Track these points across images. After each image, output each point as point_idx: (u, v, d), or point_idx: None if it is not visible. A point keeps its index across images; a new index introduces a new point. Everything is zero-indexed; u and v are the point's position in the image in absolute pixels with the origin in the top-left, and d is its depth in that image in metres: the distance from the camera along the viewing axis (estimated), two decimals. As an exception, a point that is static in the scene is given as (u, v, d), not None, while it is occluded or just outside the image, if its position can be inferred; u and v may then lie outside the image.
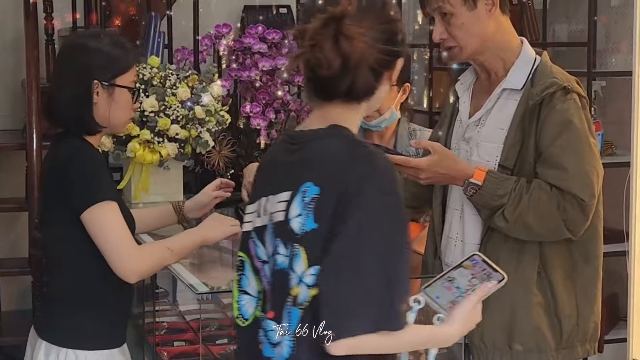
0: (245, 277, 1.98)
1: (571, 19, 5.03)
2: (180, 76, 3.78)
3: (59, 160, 2.54)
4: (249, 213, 2.00)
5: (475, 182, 2.56)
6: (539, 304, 2.61)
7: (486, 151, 2.65)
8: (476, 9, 2.59)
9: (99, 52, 2.54)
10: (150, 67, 3.75)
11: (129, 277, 2.48)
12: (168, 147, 3.67)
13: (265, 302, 1.92)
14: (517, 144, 2.59)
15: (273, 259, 1.89)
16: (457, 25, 2.61)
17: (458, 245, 2.72)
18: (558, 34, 5.13)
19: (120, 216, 2.49)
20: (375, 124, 3.28)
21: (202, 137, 3.73)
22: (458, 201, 2.71)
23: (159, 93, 3.67)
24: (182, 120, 3.68)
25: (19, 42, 4.97)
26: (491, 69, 2.68)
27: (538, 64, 2.65)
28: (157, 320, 3.44)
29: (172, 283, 3.69)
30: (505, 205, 2.53)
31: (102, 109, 2.54)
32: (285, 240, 1.87)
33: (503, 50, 2.66)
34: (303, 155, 1.91)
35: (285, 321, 1.85)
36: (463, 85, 2.79)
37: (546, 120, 2.55)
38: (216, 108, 3.78)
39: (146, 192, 3.73)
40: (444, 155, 2.61)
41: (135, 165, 3.71)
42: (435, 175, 2.62)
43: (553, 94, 2.55)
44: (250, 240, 1.97)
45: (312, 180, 1.85)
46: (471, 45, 2.63)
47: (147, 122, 3.65)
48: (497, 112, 2.66)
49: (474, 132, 2.69)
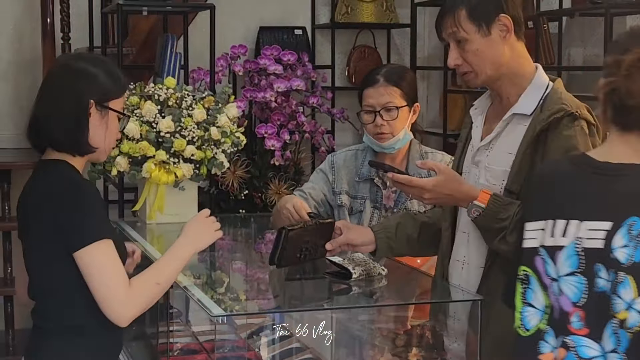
0: (531, 291, 2.13)
1: (587, 43, 5.04)
2: (196, 97, 3.80)
3: (53, 191, 2.48)
4: (532, 230, 2.14)
5: (478, 204, 2.57)
6: None
7: (493, 175, 2.65)
8: (490, 36, 2.61)
9: (95, 75, 2.51)
10: (166, 87, 3.76)
11: (120, 323, 2.44)
12: (183, 168, 3.68)
13: (551, 316, 2.08)
14: (523, 169, 2.59)
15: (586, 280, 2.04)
16: (471, 52, 2.62)
17: (464, 268, 2.72)
18: (573, 58, 5.13)
19: (115, 254, 2.44)
20: (389, 145, 3.28)
21: (218, 158, 3.74)
22: (466, 224, 2.71)
23: (175, 114, 3.68)
24: (198, 141, 3.69)
25: (36, 63, 5.01)
26: (504, 94, 2.69)
27: (549, 91, 2.65)
28: (170, 341, 3.43)
29: (185, 303, 3.69)
30: (507, 229, 2.53)
31: (94, 130, 2.53)
32: (607, 267, 2.00)
33: (517, 76, 2.66)
34: (623, 189, 2.04)
35: (608, 341, 2.00)
36: (477, 110, 2.80)
37: (552, 145, 2.55)
38: (232, 129, 3.79)
39: (161, 212, 3.74)
40: (449, 177, 2.62)
41: (150, 186, 3.72)
42: (440, 196, 2.63)
43: (560, 120, 2.55)
44: (538, 257, 2.11)
45: (637, 215, 1.99)
46: (486, 71, 2.64)
47: (163, 143, 3.66)
48: (505, 136, 2.66)
49: (483, 156, 2.70)
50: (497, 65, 2.63)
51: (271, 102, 4.90)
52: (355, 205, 3.32)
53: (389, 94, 3.25)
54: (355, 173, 3.35)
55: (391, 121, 3.24)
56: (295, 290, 2.91)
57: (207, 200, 4.33)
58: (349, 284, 2.71)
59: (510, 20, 2.60)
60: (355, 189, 3.33)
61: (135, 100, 3.72)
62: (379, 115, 3.24)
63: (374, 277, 2.76)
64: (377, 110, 3.25)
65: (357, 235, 2.87)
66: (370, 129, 3.28)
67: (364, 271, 2.73)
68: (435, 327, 2.89)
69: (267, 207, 4.71)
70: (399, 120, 3.26)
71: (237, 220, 4.42)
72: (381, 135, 3.26)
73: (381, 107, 3.24)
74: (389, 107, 3.24)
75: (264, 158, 4.89)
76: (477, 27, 2.60)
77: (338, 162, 3.40)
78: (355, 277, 2.70)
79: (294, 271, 2.85)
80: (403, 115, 3.27)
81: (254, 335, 3.32)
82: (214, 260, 3.51)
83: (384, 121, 3.24)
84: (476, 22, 2.61)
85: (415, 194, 2.67)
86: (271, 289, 2.93)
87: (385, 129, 3.25)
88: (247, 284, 3.14)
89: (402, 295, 2.94)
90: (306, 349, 3.17)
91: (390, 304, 2.90)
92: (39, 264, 2.54)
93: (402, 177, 2.67)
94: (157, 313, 3.46)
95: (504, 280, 2.57)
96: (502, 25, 2.60)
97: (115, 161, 3.68)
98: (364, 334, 3.14)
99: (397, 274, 2.92)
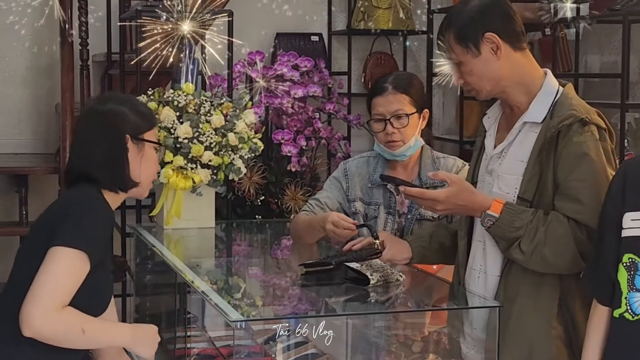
0: (638, 277, 2.23)
1: (604, 50, 5.02)
2: (214, 103, 3.81)
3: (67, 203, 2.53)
4: (635, 220, 2.26)
5: (492, 214, 2.57)
6: (558, 337, 2.59)
7: (506, 183, 2.66)
8: (481, 55, 2.63)
9: (123, 112, 2.58)
10: (185, 94, 3.77)
11: (24, 328, 2.32)
12: (201, 174, 3.69)
13: None
14: (535, 176, 2.59)
15: None
16: (467, 72, 2.67)
17: (481, 277, 2.73)
18: (590, 65, 5.12)
19: (80, 272, 2.38)
20: (400, 152, 3.28)
21: (235, 163, 3.75)
22: (482, 234, 2.71)
23: (193, 120, 3.69)
24: (216, 147, 3.70)
25: (53, 68, 5.03)
26: (514, 104, 2.70)
27: (559, 96, 2.65)
28: (187, 347, 3.44)
29: (201, 308, 3.69)
30: (522, 237, 2.54)
31: (133, 164, 2.57)
32: None
33: (524, 84, 2.67)
34: None
35: None
36: (490, 119, 2.81)
37: (563, 152, 2.56)
38: (249, 135, 3.80)
39: (178, 217, 3.75)
40: (461, 187, 2.63)
41: (168, 191, 3.73)
42: (453, 207, 2.65)
43: (570, 126, 2.56)
44: None
45: None
46: (485, 87, 2.67)
47: (181, 149, 3.67)
48: (517, 144, 2.67)
49: (496, 165, 2.71)
50: (496, 80, 2.65)
51: (288, 108, 4.91)
52: (370, 212, 3.32)
53: (398, 101, 3.25)
54: (368, 179, 3.36)
55: (402, 129, 3.25)
56: (312, 296, 2.91)
57: (224, 206, 4.33)
58: (366, 290, 2.71)
59: (496, 36, 2.62)
60: (369, 195, 3.34)
61: (154, 106, 3.73)
62: (389, 123, 3.24)
63: (392, 283, 2.76)
64: (387, 118, 3.25)
65: (398, 252, 2.93)
66: (381, 137, 3.28)
67: (382, 277, 2.73)
68: (452, 334, 2.88)
69: (283, 213, 4.71)
70: (409, 127, 3.26)
71: (254, 226, 4.43)
72: (392, 144, 3.26)
73: (391, 115, 3.24)
74: (398, 114, 3.25)
75: (280, 164, 4.89)
76: (466, 49, 2.64)
77: (351, 170, 3.40)
78: (373, 283, 2.70)
79: (311, 277, 2.86)
80: (413, 122, 3.27)
81: (270, 341, 3.33)
82: (230, 266, 3.52)
83: (395, 129, 3.24)
84: (464, 44, 2.64)
85: (428, 205, 2.70)
86: (288, 295, 2.94)
87: (396, 137, 3.25)
88: (263, 289, 3.14)
89: (419, 302, 2.94)
90: (322, 354, 3.17)
91: (406, 311, 2.90)
92: (22, 254, 2.54)
93: (414, 190, 2.72)
94: (174, 318, 3.48)
95: (520, 289, 2.58)
96: (490, 42, 2.62)
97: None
98: (381, 340, 3.14)
99: (414, 280, 2.93)
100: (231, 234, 4.19)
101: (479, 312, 2.70)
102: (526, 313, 2.59)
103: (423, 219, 3.22)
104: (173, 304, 3.49)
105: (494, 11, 2.64)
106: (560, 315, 2.59)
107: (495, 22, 2.63)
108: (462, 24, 2.65)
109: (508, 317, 2.60)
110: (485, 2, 2.66)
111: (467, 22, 2.64)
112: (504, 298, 2.62)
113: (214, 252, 3.87)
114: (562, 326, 2.60)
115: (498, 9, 2.65)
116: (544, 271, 2.58)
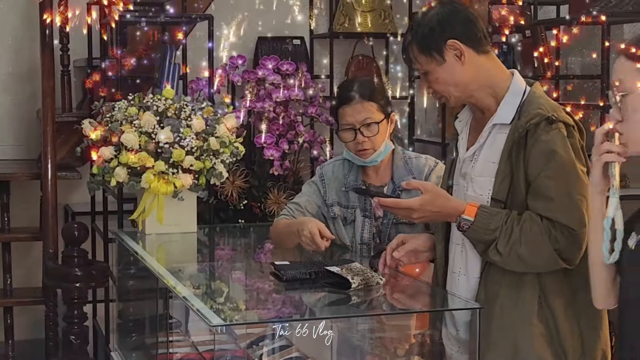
0: None
1: (584, 51, 5.04)
2: (195, 108, 3.80)
3: None
4: None
5: (467, 217, 2.59)
6: (541, 335, 2.61)
7: (479, 185, 2.68)
8: (446, 62, 2.66)
9: None
10: (165, 98, 3.77)
11: None
12: (182, 178, 3.68)
13: None
14: (507, 177, 2.61)
15: None
16: (433, 81, 2.70)
17: (462, 280, 2.74)
18: (571, 67, 5.14)
19: None
20: (371, 160, 3.29)
21: (217, 168, 3.75)
22: (459, 236, 2.72)
23: (174, 125, 3.69)
24: (197, 152, 3.69)
25: (34, 73, 5.02)
26: (483, 107, 2.72)
27: (526, 96, 2.67)
28: (170, 351, 3.43)
29: (184, 313, 3.69)
30: (498, 239, 2.56)
31: None
32: None
33: (491, 87, 2.70)
34: None
35: None
36: (462, 122, 2.84)
37: (531, 151, 2.57)
38: (230, 139, 3.79)
39: (160, 222, 3.74)
40: (435, 194, 2.65)
41: (149, 196, 3.72)
42: (428, 214, 2.67)
43: (537, 125, 2.57)
44: None
45: None
46: (454, 93, 2.70)
47: (162, 154, 3.66)
48: (488, 146, 2.69)
49: (469, 168, 2.73)
50: (463, 86, 2.68)
51: (270, 112, 4.91)
52: (348, 215, 3.32)
53: (366, 110, 3.25)
54: (343, 183, 3.36)
55: (372, 137, 3.25)
56: (295, 300, 2.91)
57: (206, 210, 4.33)
58: (348, 294, 2.71)
59: (458, 42, 2.65)
60: (346, 198, 3.34)
61: (134, 111, 3.73)
62: (359, 132, 3.24)
63: (373, 287, 2.76)
64: (356, 128, 3.25)
65: (422, 243, 2.88)
66: (352, 146, 3.28)
67: (363, 280, 2.73)
68: (435, 336, 2.89)
69: (266, 217, 4.71)
70: (379, 135, 3.26)
71: (237, 230, 4.43)
72: (363, 152, 3.27)
73: (360, 125, 3.24)
74: (368, 122, 3.24)
75: (263, 168, 4.89)
76: (430, 58, 2.67)
77: (327, 174, 3.40)
78: (354, 287, 2.70)
79: (293, 281, 2.86)
80: (382, 129, 3.27)
81: (253, 345, 3.33)
82: (213, 270, 3.51)
83: (365, 137, 3.25)
84: (427, 53, 2.68)
85: (404, 214, 2.73)
86: (270, 299, 2.94)
87: (367, 145, 3.26)
88: (246, 293, 3.14)
89: (401, 304, 2.94)
90: (306, 358, 3.17)
91: (388, 313, 2.91)
92: None
93: (388, 200, 2.75)
94: (157, 323, 3.47)
95: (500, 290, 2.59)
96: (453, 49, 2.66)
97: (115, 172, 3.68)
98: (365, 344, 3.14)
99: (396, 283, 2.93)
100: (214, 239, 4.18)
101: (461, 313, 2.71)
102: (507, 313, 2.61)
103: (400, 222, 3.23)
104: (155, 309, 3.48)
105: (454, 18, 2.68)
106: (541, 313, 2.61)
107: (455, 29, 2.66)
108: (424, 34, 2.68)
109: (490, 318, 2.61)
110: (445, 10, 2.69)
111: (429, 32, 2.67)
112: (485, 299, 2.63)
113: (197, 257, 3.87)
114: (544, 323, 2.61)
115: (457, 15, 2.69)
116: (522, 271, 2.59)
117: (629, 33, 4.75)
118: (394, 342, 3.07)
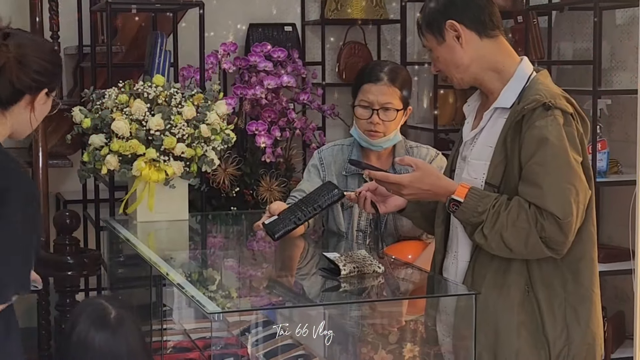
0: None
1: (576, 37, 5.04)
2: (185, 95, 3.79)
3: None
4: None
5: (456, 198, 2.58)
6: (523, 324, 2.59)
7: (474, 169, 2.67)
8: (445, 42, 2.67)
9: None
10: (155, 85, 3.75)
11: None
12: (174, 166, 3.67)
13: None
14: (502, 162, 2.60)
15: None
16: (436, 59, 2.73)
17: (454, 264, 2.73)
18: (563, 52, 5.13)
19: None
20: (378, 143, 3.28)
21: (208, 155, 3.73)
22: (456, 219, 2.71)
23: (165, 112, 3.67)
24: (188, 139, 3.68)
25: (25, 61, 4.98)
26: (489, 90, 2.71)
27: (529, 82, 2.66)
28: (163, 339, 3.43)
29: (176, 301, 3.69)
30: (485, 222, 2.54)
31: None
32: None
33: (496, 71, 2.68)
34: None
35: None
36: (470, 106, 2.82)
37: (525, 137, 2.56)
38: (222, 126, 3.78)
39: (151, 210, 3.73)
40: (426, 172, 2.64)
41: (140, 184, 3.71)
42: (418, 192, 2.66)
43: (534, 110, 2.56)
44: None
45: None
46: (454, 75, 2.70)
47: (153, 141, 3.65)
48: (487, 130, 2.68)
49: (468, 151, 2.72)
50: (463, 68, 2.68)
51: (261, 99, 4.89)
52: (345, 201, 3.31)
53: (391, 94, 3.25)
54: (343, 167, 3.35)
55: (387, 121, 3.24)
56: (288, 287, 2.91)
57: (198, 198, 4.31)
58: (342, 280, 2.71)
59: (456, 24, 2.65)
60: (344, 184, 3.33)
61: (125, 99, 3.71)
62: (376, 113, 3.24)
63: (367, 274, 2.75)
64: (375, 107, 3.24)
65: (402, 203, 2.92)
66: (363, 124, 3.27)
67: (355, 268, 2.72)
68: (428, 322, 2.89)
69: (258, 204, 4.70)
70: (394, 122, 3.26)
71: (229, 217, 4.42)
72: (373, 133, 3.26)
73: (380, 106, 3.24)
74: (388, 107, 3.24)
75: (254, 155, 4.88)
76: (433, 36, 2.69)
77: (327, 158, 3.39)
78: (345, 274, 2.69)
79: (287, 268, 2.86)
80: (398, 118, 3.27)
81: (246, 332, 3.32)
82: (205, 258, 3.51)
83: (380, 120, 3.24)
84: (431, 31, 2.70)
85: (394, 190, 2.72)
86: (263, 286, 2.93)
87: (380, 128, 3.25)
88: (239, 281, 3.13)
89: (394, 291, 2.94)
90: (299, 345, 3.17)
91: (380, 300, 2.90)
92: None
93: (378, 174, 2.73)
94: (150, 311, 3.46)
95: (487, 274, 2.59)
96: (452, 30, 2.66)
97: (106, 160, 3.67)
98: (357, 331, 3.14)
99: (391, 269, 2.92)
100: (206, 226, 4.18)
101: (454, 299, 2.71)
102: (491, 298, 2.59)
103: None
104: (148, 297, 3.48)
105: (461, 0, 2.67)
106: (527, 302, 2.59)
107: (458, 11, 2.66)
108: (430, 11, 2.70)
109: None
110: None
111: (434, 11, 2.69)
112: (472, 284, 2.63)
113: (189, 244, 3.86)
114: (528, 313, 2.59)
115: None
116: (507, 256, 2.58)
117: (621, 18, 4.74)
118: (387, 328, 3.07)
